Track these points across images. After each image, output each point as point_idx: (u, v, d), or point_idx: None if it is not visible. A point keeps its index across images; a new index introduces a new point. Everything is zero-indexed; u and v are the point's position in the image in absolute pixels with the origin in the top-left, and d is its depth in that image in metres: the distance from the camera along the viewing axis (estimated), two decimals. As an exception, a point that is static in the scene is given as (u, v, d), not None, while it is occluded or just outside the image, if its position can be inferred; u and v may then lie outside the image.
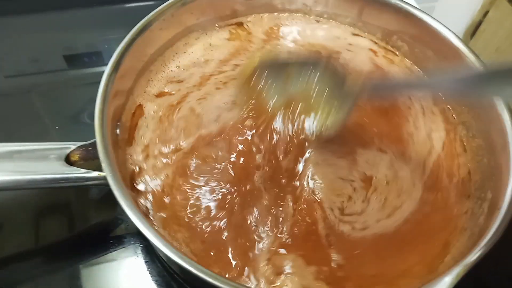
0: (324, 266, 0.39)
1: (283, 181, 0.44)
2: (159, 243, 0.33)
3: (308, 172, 0.44)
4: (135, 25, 0.47)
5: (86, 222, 0.50)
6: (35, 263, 0.47)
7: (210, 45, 0.54)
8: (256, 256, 0.39)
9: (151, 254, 0.46)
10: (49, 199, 0.51)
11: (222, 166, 0.44)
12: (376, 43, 0.57)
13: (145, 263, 0.46)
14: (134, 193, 0.41)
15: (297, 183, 0.44)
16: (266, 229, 0.41)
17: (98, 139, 0.38)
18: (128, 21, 0.47)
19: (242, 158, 0.44)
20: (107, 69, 0.42)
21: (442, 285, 0.32)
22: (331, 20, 0.58)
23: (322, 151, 0.45)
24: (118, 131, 0.44)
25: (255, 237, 0.40)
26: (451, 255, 0.40)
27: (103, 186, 0.39)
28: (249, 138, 0.46)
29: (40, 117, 0.59)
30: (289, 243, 0.40)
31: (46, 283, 0.45)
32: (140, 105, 0.48)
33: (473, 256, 0.34)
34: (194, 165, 0.44)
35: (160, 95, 0.49)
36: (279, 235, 0.40)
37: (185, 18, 0.52)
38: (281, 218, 0.41)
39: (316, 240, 0.40)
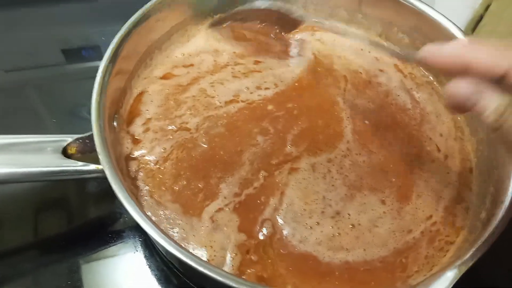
0: (251, 239, 0.40)
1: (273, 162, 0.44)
2: (158, 237, 0.32)
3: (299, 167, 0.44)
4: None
5: (85, 216, 0.50)
6: (34, 257, 0.47)
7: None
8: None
9: (150, 248, 0.46)
10: (47, 193, 0.50)
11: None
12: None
13: (144, 257, 0.46)
14: (132, 186, 0.41)
15: (279, 172, 0.44)
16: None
17: (95, 131, 0.37)
18: (127, 13, 0.46)
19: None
20: (103, 61, 0.42)
21: (444, 280, 0.32)
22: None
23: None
24: (115, 123, 0.44)
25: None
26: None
27: (101, 179, 0.38)
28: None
29: (38, 112, 0.59)
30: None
31: (44, 277, 0.45)
32: (142, 92, 0.48)
33: (476, 251, 0.34)
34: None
35: (166, 77, 0.50)
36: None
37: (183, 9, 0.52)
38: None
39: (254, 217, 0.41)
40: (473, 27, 0.90)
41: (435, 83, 0.54)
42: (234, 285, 0.31)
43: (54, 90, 0.62)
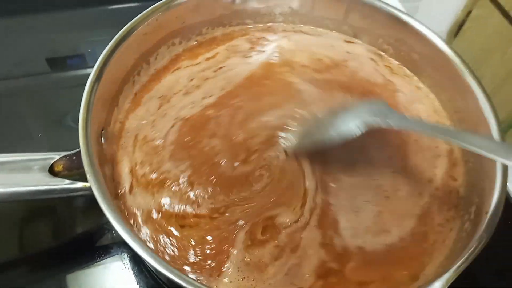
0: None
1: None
2: (147, 256, 0.32)
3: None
4: (119, 26, 0.46)
5: (72, 231, 0.50)
6: (21, 272, 0.47)
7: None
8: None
9: (138, 264, 0.46)
10: (34, 207, 0.50)
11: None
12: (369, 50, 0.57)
13: (133, 273, 0.45)
14: (120, 203, 0.40)
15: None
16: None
17: (82, 149, 0.37)
18: (112, 23, 0.46)
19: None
20: (90, 77, 0.42)
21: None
22: (319, 28, 0.58)
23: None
24: (102, 139, 0.43)
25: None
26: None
27: (88, 196, 0.38)
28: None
29: (23, 121, 0.58)
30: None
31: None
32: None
33: (463, 261, 0.34)
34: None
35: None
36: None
37: (170, 22, 0.52)
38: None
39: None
40: (455, 31, 0.92)
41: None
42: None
43: (39, 98, 0.61)
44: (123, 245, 0.46)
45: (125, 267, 0.46)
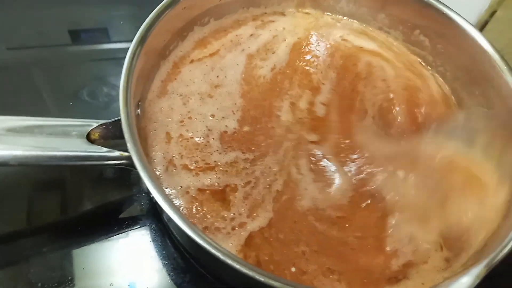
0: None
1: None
2: (188, 229, 0.32)
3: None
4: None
5: (102, 201, 0.50)
6: (58, 236, 0.47)
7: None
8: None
9: (165, 236, 0.46)
10: (68, 176, 0.50)
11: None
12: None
13: (160, 244, 0.45)
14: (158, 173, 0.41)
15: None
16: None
17: (123, 118, 0.37)
18: (136, -1, 0.46)
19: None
20: (131, 46, 0.41)
21: (458, 286, 0.31)
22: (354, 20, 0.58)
23: None
24: (138, 111, 0.43)
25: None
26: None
27: (125, 166, 0.38)
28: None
29: (40, 92, 0.58)
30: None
31: (60, 259, 0.44)
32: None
33: (496, 256, 0.34)
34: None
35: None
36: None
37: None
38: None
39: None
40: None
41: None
42: (256, 277, 0.30)
43: (58, 70, 0.61)
44: (152, 217, 0.47)
45: (152, 239, 0.46)
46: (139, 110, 0.43)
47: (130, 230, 0.46)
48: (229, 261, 0.31)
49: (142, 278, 0.44)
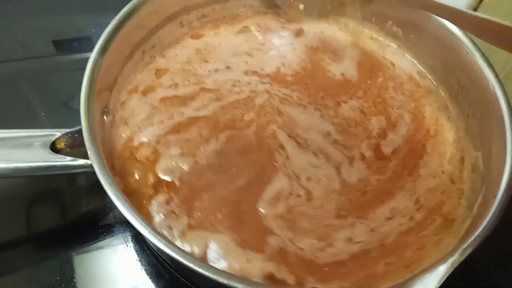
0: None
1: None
2: (148, 234, 0.32)
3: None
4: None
5: (76, 211, 0.50)
6: (25, 251, 0.47)
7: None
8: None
9: (141, 242, 0.46)
10: (38, 187, 0.50)
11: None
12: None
13: (135, 252, 0.45)
14: (121, 180, 0.40)
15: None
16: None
17: (84, 126, 0.36)
18: (119, 5, 0.45)
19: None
20: (93, 53, 0.41)
21: (436, 275, 0.32)
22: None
23: None
24: (105, 117, 0.43)
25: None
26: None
27: (90, 174, 0.38)
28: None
29: (28, 103, 0.58)
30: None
31: (35, 271, 0.44)
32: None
33: (469, 245, 0.33)
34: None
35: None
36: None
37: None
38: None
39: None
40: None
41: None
42: (224, 281, 0.30)
43: (45, 81, 0.61)
44: (125, 224, 0.46)
45: (127, 246, 0.45)
46: (105, 116, 0.43)
47: (105, 238, 0.46)
48: (191, 265, 0.31)
49: (120, 285, 0.44)
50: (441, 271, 0.32)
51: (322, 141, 0.45)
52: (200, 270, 0.30)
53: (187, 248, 0.37)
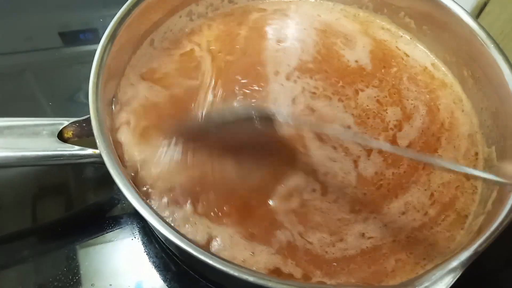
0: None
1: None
2: (157, 224, 0.31)
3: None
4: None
5: (83, 202, 0.49)
6: (31, 243, 0.46)
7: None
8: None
9: (148, 235, 0.45)
10: (45, 178, 0.49)
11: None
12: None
13: (142, 244, 0.45)
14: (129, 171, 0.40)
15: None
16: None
17: (92, 114, 0.36)
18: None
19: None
20: (101, 41, 0.41)
21: (448, 272, 0.31)
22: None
23: None
24: (113, 107, 0.42)
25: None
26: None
27: (97, 164, 0.37)
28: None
29: (35, 96, 0.58)
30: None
31: (42, 263, 0.44)
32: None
33: (483, 241, 0.33)
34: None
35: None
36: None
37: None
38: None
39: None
40: (477, 14, 0.88)
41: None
42: (235, 273, 0.30)
43: (52, 74, 0.61)
44: (133, 216, 0.46)
45: (135, 237, 0.45)
46: (113, 106, 0.42)
47: (112, 230, 0.45)
48: (199, 255, 0.30)
49: (127, 277, 0.43)
50: (454, 269, 0.31)
51: (342, 134, 0.45)
52: (210, 261, 0.30)
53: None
